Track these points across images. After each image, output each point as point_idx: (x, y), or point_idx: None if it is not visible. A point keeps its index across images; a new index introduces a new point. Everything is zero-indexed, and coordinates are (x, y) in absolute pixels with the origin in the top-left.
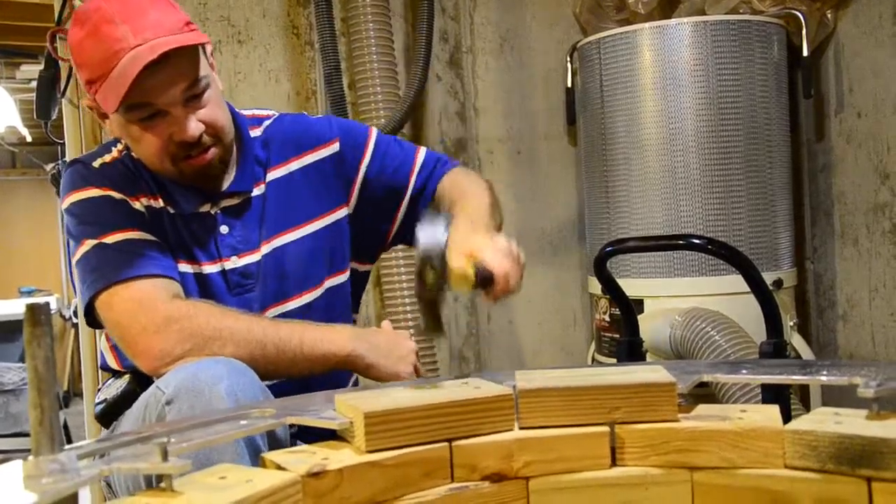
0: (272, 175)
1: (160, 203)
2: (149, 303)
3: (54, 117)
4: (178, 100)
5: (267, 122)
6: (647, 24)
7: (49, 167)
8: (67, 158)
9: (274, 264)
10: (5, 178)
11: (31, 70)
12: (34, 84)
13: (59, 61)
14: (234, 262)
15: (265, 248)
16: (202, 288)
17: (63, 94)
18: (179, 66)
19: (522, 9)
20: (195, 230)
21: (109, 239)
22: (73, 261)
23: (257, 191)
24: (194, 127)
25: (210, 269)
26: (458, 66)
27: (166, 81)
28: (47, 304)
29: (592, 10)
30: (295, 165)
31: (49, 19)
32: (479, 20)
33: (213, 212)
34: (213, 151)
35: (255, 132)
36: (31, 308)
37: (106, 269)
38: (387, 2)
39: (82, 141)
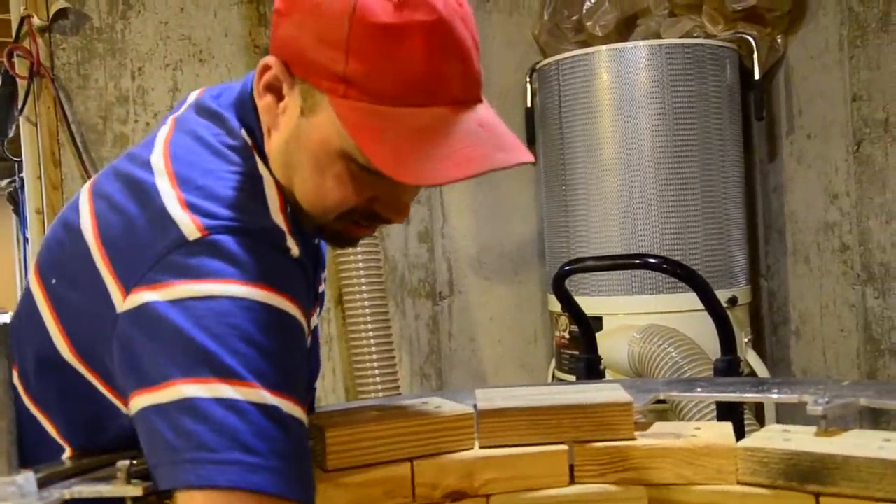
0: None
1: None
2: None
3: (11, 135)
4: None
5: None
6: (604, 47)
7: (4, 183)
8: (25, 176)
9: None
10: None
11: None
12: None
13: (17, 78)
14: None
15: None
16: None
17: (21, 111)
18: None
19: (483, 30)
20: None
21: (278, 402)
22: (161, 399)
23: None
24: (407, 210)
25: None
26: None
27: None
28: (6, 325)
29: (551, 32)
30: None
31: (6, 35)
32: None
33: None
34: (373, 230)
35: None
36: None
37: (269, 461)
38: None
39: (40, 158)
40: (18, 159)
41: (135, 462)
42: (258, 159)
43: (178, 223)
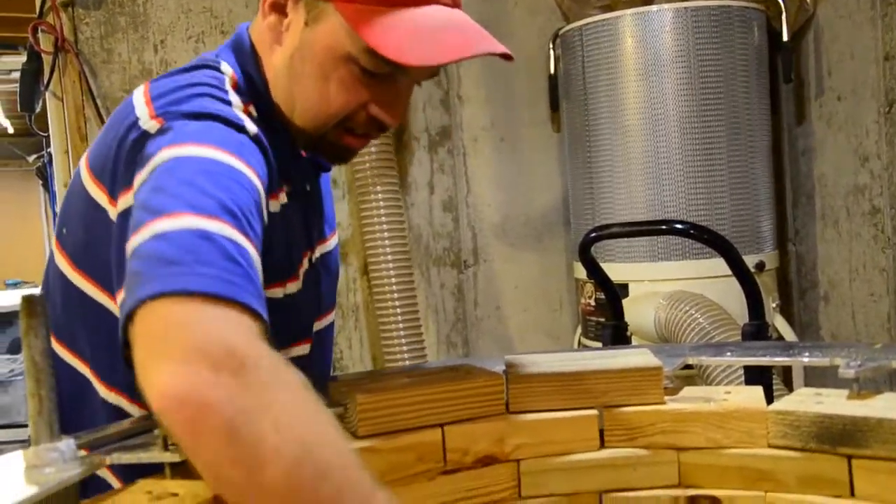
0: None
1: (282, 189)
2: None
3: (38, 110)
4: (420, 79)
5: None
6: (628, 11)
7: (32, 159)
8: (52, 150)
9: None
10: None
11: (12, 61)
12: (15, 75)
13: (42, 54)
14: (321, 248)
15: (324, 247)
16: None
17: (47, 87)
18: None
19: None
20: (297, 216)
21: (218, 228)
22: (142, 236)
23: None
24: (400, 114)
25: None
26: None
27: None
28: (42, 296)
29: None
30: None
31: (31, 10)
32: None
33: (309, 188)
34: (368, 142)
35: None
36: (27, 299)
37: (193, 268)
38: None
39: (67, 134)
40: (46, 134)
41: None
42: (231, 75)
43: (140, 116)
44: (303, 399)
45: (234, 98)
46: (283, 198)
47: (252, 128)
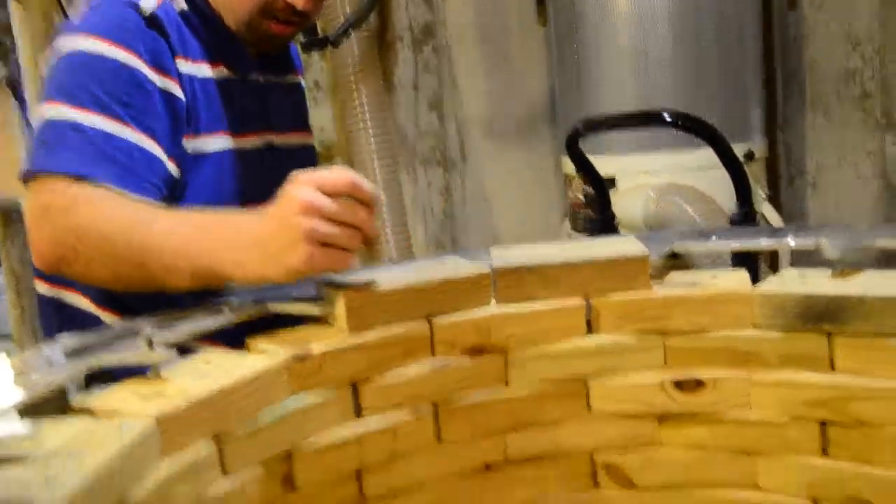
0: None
1: (205, 65)
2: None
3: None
4: None
5: None
6: None
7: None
8: (20, 61)
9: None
10: None
11: None
12: None
13: None
14: (283, 139)
15: (288, 140)
16: (241, 165)
17: None
18: None
19: None
20: (246, 97)
21: (89, 119)
22: (40, 114)
23: (294, 80)
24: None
25: (254, 142)
26: None
27: None
28: (19, 202)
29: None
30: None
31: None
32: None
33: (262, 80)
34: (293, 30)
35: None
36: (3, 208)
37: (63, 153)
38: None
39: (32, 44)
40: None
41: (157, 330)
42: None
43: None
44: (125, 204)
45: None
46: (210, 72)
47: (148, 7)
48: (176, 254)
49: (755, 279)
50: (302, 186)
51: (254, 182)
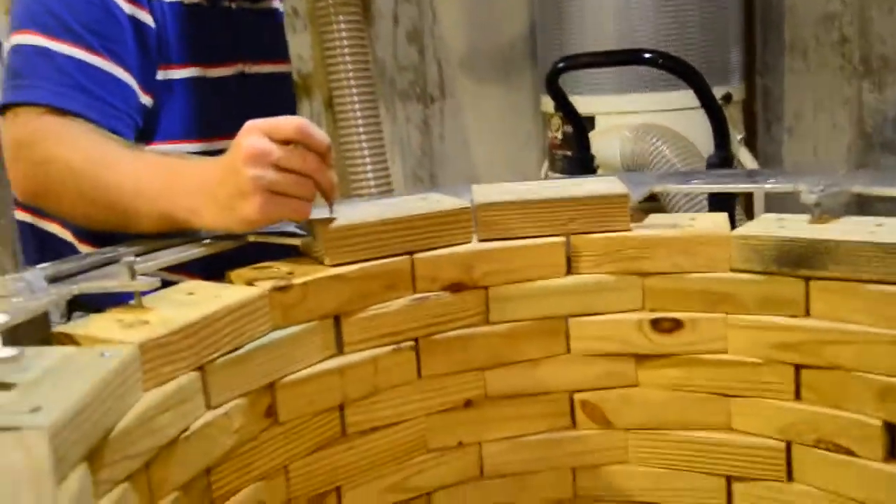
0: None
1: None
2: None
3: None
4: None
5: None
6: None
7: None
8: None
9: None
10: None
11: None
12: None
13: None
14: (256, 68)
15: (262, 69)
16: (212, 95)
17: None
18: None
19: None
20: (217, 24)
21: (60, 48)
22: (11, 43)
23: (269, 5)
24: None
25: (225, 71)
26: None
27: None
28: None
29: None
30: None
31: None
32: None
33: (233, 6)
34: None
35: None
36: None
37: (35, 84)
38: None
39: None
40: None
41: (139, 258)
42: None
43: None
44: (94, 141)
45: None
46: None
47: None
48: (139, 195)
49: (732, 224)
50: (250, 134)
51: (227, 113)
